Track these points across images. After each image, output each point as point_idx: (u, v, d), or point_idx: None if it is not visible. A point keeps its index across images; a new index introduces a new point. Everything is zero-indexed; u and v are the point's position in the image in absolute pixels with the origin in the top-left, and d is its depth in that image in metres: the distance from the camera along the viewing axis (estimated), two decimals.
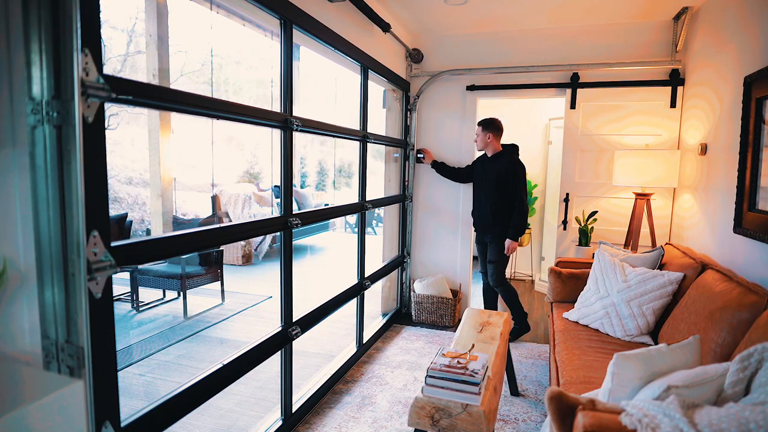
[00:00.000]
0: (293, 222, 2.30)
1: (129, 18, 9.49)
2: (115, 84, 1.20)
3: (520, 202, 3.48)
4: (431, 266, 4.36)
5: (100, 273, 1.14)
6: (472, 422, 1.66)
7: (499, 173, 3.51)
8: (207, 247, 1.76)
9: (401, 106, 4.21)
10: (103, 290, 1.17)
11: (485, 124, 3.60)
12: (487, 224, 3.62)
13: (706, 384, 1.09)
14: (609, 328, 2.50)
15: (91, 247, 1.12)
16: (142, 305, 4.57)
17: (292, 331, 2.33)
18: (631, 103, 3.65)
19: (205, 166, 10.81)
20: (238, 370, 1.94)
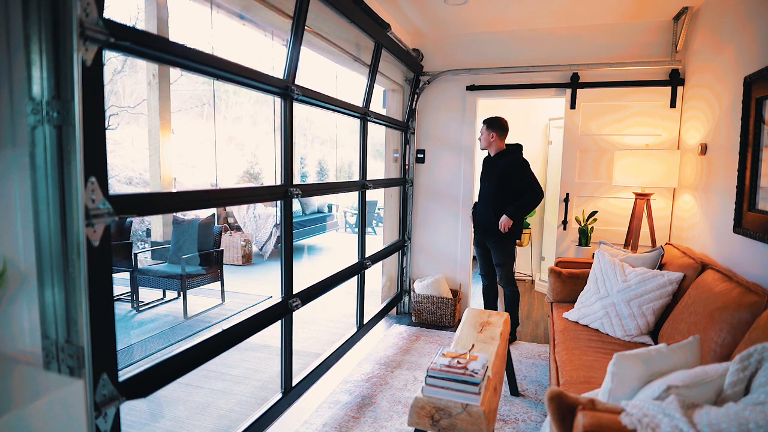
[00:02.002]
0: (293, 192, 2.28)
1: (129, 18, 9.49)
2: (114, 29, 1.18)
3: (531, 190, 3.38)
4: (431, 264, 4.36)
5: (98, 219, 1.13)
6: (472, 422, 1.66)
7: (502, 173, 3.45)
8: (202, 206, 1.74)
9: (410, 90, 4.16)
10: (101, 239, 1.15)
11: (489, 122, 3.54)
12: (489, 225, 3.53)
13: (706, 384, 1.09)
14: (609, 328, 2.50)
15: (89, 193, 1.11)
16: (142, 305, 4.58)
17: (292, 303, 2.32)
18: (631, 103, 3.65)
19: (206, 166, 10.82)
20: (239, 335, 1.95)
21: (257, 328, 2.08)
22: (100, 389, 1.17)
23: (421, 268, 4.40)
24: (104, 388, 1.19)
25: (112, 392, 1.22)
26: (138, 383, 1.38)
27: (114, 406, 1.22)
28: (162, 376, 1.51)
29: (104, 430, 1.19)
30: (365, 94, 3.29)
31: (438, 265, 4.32)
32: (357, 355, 3.39)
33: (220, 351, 1.83)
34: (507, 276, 3.57)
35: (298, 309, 2.35)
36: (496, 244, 3.54)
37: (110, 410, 1.21)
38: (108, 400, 1.20)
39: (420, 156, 4.29)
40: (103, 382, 1.19)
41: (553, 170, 5.30)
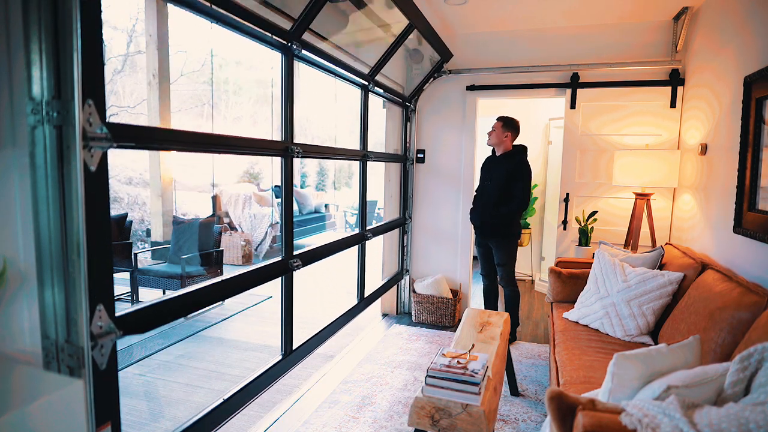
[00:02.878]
0: (294, 150, 2.27)
1: (129, 18, 9.49)
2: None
3: (519, 199, 3.40)
4: (431, 264, 4.36)
5: (95, 143, 1.13)
6: (472, 422, 1.66)
7: (509, 175, 3.41)
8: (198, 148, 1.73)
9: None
10: (98, 166, 1.15)
11: (507, 121, 3.47)
12: (491, 225, 3.49)
13: (706, 384, 1.09)
14: (609, 328, 2.50)
15: (86, 116, 1.10)
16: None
17: (293, 263, 2.32)
18: (631, 103, 3.65)
19: (206, 166, 10.81)
20: (236, 286, 1.98)
21: (255, 282, 2.11)
22: (96, 320, 1.15)
23: (421, 268, 4.40)
24: (100, 319, 1.17)
25: (109, 325, 1.20)
26: (135, 320, 1.37)
27: (110, 340, 1.21)
28: (158, 316, 1.52)
29: (100, 363, 1.17)
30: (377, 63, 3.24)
31: (438, 265, 4.32)
32: (357, 355, 3.39)
33: (216, 299, 1.86)
34: (508, 276, 3.56)
35: (298, 269, 2.35)
36: (498, 244, 3.52)
37: (106, 343, 1.19)
38: (104, 332, 1.18)
39: (420, 156, 4.29)
40: (99, 313, 1.17)
41: (553, 170, 5.30)
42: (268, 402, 2.79)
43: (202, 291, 1.77)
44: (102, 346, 1.18)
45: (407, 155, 4.22)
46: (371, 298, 3.60)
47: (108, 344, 1.21)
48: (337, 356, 3.44)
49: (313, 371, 3.21)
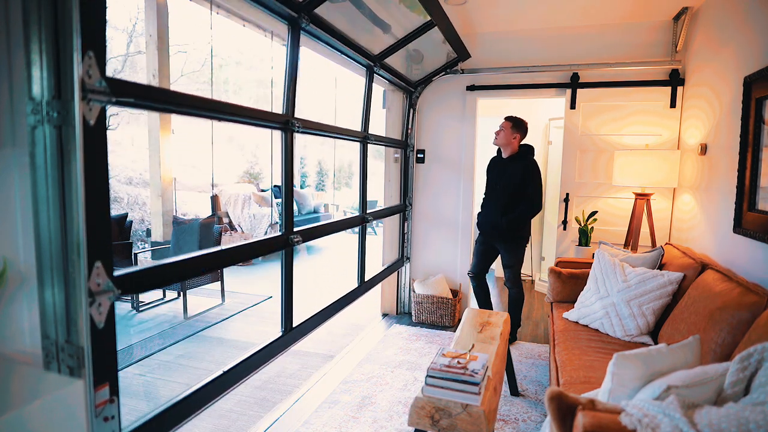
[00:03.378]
0: (294, 124, 2.27)
1: (129, 18, 9.49)
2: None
3: (534, 203, 3.34)
4: (431, 264, 4.36)
5: (94, 96, 1.13)
6: (472, 422, 1.66)
7: (519, 177, 3.35)
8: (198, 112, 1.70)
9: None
10: (96, 119, 1.14)
11: (516, 122, 3.40)
12: (498, 229, 3.41)
13: (706, 384, 1.09)
14: (609, 328, 2.50)
15: (86, 68, 1.10)
16: (142, 305, 4.58)
17: (293, 238, 2.32)
18: (631, 103, 3.65)
19: (205, 166, 10.81)
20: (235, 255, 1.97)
21: (255, 253, 2.10)
22: (93, 277, 1.15)
23: (421, 267, 4.40)
24: (98, 276, 1.17)
25: (107, 283, 1.20)
26: (133, 280, 1.37)
27: (108, 298, 1.20)
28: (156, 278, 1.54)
29: (98, 322, 1.17)
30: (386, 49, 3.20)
31: (438, 265, 4.33)
32: (357, 355, 3.40)
33: (213, 267, 1.87)
34: (515, 277, 3.53)
35: (298, 245, 2.34)
36: (508, 247, 3.47)
37: (104, 301, 1.19)
38: (102, 290, 1.18)
39: (420, 156, 4.29)
40: (97, 270, 1.16)
41: (553, 170, 5.30)
42: (268, 402, 2.79)
43: (200, 258, 1.76)
44: (100, 304, 1.17)
45: (408, 141, 4.19)
46: (371, 283, 3.57)
47: (106, 303, 1.20)
48: (337, 356, 3.44)
49: (313, 371, 3.21)
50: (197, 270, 1.78)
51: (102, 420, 1.19)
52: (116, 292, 1.23)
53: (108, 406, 1.21)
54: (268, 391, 2.94)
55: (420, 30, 3.15)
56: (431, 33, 3.19)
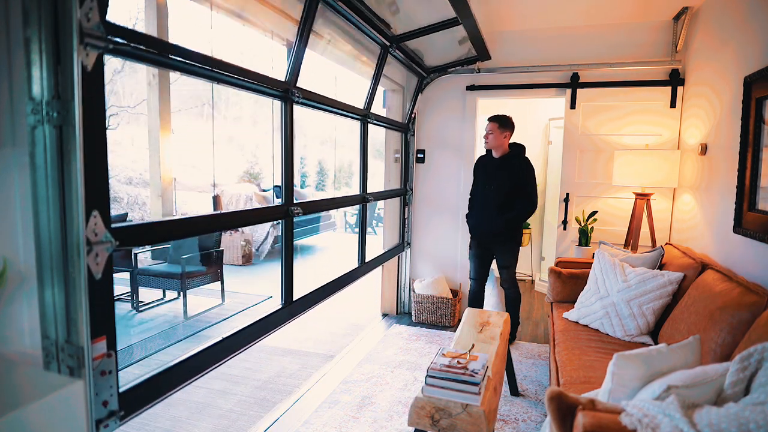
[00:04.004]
0: (295, 94, 2.26)
1: (129, 18, 9.49)
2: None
3: (530, 202, 3.30)
4: (431, 264, 4.36)
5: (92, 40, 1.13)
6: (472, 422, 1.66)
7: (515, 178, 3.29)
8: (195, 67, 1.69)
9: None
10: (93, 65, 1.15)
11: (502, 121, 3.30)
12: (495, 231, 3.35)
13: (706, 384, 1.09)
14: (609, 328, 2.50)
15: (86, 11, 1.10)
16: (142, 305, 4.57)
17: (293, 210, 2.32)
18: (631, 103, 3.65)
19: (205, 166, 10.82)
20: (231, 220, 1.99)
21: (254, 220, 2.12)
22: (91, 226, 1.14)
23: (421, 268, 4.40)
24: (96, 226, 1.16)
25: (105, 234, 1.19)
26: (131, 233, 1.37)
27: (106, 249, 1.19)
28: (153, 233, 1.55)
29: (95, 272, 1.16)
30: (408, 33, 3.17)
31: (438, 266, 4.33)
32: (357, 355, 3.39)
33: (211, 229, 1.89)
34: (511, 278, 3.50)
35: (298, 216, 2.35)
36: (504, 248, 3.43)
37: (102, 251, 1.18)
38: (100, 241, 1.18)
39: (420, 156, 4.29)
40: (94, 220, 1.16)
41: (553, 170, 5.30)
42: (268, 402, 2.79)
43: (199, 219, 1.77)
44: (97, 255, 1.17)
45: (409, 126, 4.17)
46: (372, 264, 3.56)
47: (104, 254, 1.19)
48: (337, 356, 3.44)
49: (313, 371, 3.21)
50: (193, 230, 1.77)
51: (99, 374, 1.19)
52: (114, 243, 1.22)
53: (105, 360, 1.21)
54: (268, 391, 2.94)
55: (445, 24, 3.08)
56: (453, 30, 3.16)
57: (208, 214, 1.88)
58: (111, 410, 1.26)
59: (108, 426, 1.24)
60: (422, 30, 3.15)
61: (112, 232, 1.22)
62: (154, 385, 1.51)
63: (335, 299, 5.02)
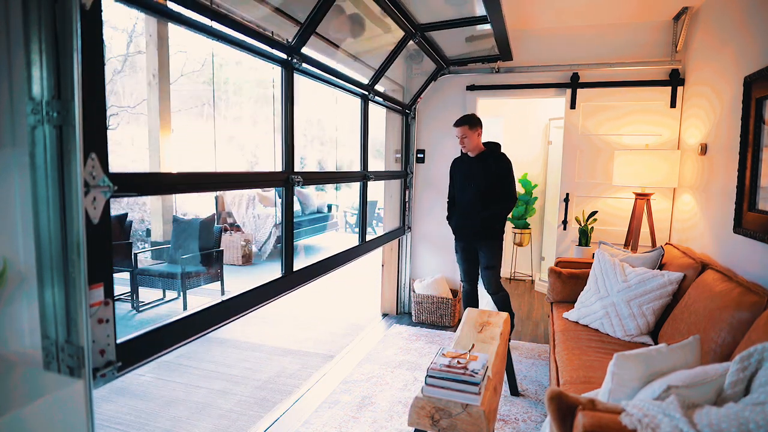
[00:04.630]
0: (296, 62, 2.27)
1: (129, 18, 9.49)
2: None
3: (510, 198, 3.28)
4: (431, 264, 4.36)
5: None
6: (472, 422, 1.66)
7: (494, 175, 3.26)
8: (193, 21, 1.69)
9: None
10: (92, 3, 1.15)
11: (470, 121, 3.24)
12: (478, 229, 3.32)
13: (706, 384, 1.09)
14: (609, 328, 2.50)
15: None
16: (142, 305, 4.57)
17: (294, 178, 2.32)
18: (631, 103, 3.65)
19: (205, 166, 10.81)
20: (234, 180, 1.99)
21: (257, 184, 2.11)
22: (88, 167, 1.13)
23: (421, 268, 4.40)
24: (93, 169, 1.15)
25: (103, 179, 1.18)
26: (129, 180, 1.37)
27: (104, 193, 1.19)
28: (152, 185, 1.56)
29: (93, 217, 1.15)
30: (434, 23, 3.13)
31: (438, 265, 4.33)
32: (357, 355, 3.40)
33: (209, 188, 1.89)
34: (497, 280, 3.40)
35: (298, 186, 2.34)
36: (487, 245, 3.35)
37: (99, 195, 1.17)
38: (97, 185, 1.17)
39: (420, 156, 4.29)
40: (92, 162, 1.15)
41: (553, 170, 5.30)
42: (268, 402, 2.79)
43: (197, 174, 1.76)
44: (95, 198, 1.16)
45: (411, 106, 4.14)
46: (372, 244, 3.54)
47: (101, 198, 1.18)
48: (337, 356, 3.44)
49: (313, 371, 3.21)
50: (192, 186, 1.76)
51: (96, 321, 1.18)
52: (112, 188, 1.21)
53: (102, 307, 1.20)
54: (268, 391, 2.94)
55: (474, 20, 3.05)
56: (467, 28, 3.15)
57: (208, 172, 1.85)
58: (108, 360, 1.24)
59: (105, 376, 1.24)
60: (449, 23, 3.10)
61: (110, 177, 1.21)
62: (152, 340, 1.49)
63: (335, 299, 5.03)
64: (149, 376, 3.12)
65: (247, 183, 2.00)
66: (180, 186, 1.72)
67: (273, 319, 4.34)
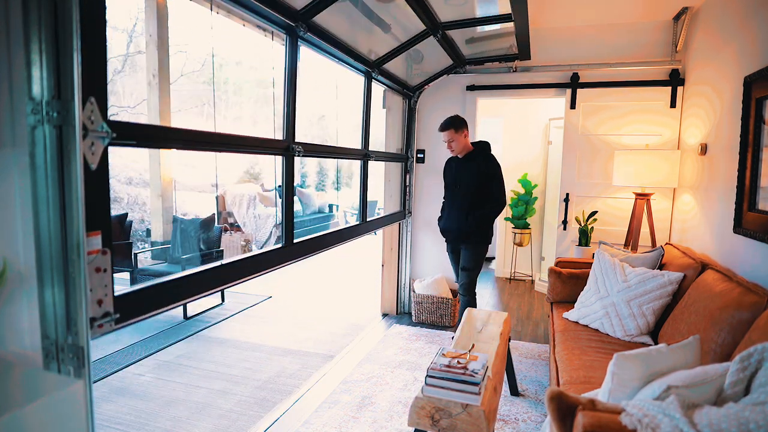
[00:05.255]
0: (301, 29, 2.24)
1: (129, 18, 9.50)
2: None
3: (498, 202, 3.20)
4: (431, 264, 4.36)
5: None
6: (472, 422, 1.66)
7: (483, 176, 3.20)
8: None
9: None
10: None
11: (454, 122, 3.19)
12: (464, 231, 3.27)
13: (706, 384, 1.09)
14: (609, 328, 2.50)
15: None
16: None
17: (294, 147, 2.31)
18: (631, 103, 3.65)
19: (205, 166, 10.82)
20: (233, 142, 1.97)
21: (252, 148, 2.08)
22: (87, 111, 1.11)
23: (421, 268, 4.40)
24: (92, 113, 1.13)
25: (102, 125, 1.16)
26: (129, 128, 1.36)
27: (101, 141, 1.17)
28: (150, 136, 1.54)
29: (90, 163, 1.14)
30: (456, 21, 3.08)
31: (438, 265, 4.32)
32: (357, 355, 3.40)
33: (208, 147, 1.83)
34: (471, 283, 3.32)
35: (299, 156, 2.33)
36: (470, 248, 3.30)
37: (96, 141, 1.15)
38: (95, 129, 1.15)
39: (420, 156, 4.29)
40: (91, 106, 1.12)
41: (553, 170, 5.30)
42: (268, 402, 2.79)
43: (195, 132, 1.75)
44: (93, 144, 1.14)
45: (416, 90, 4.12)
46: (372, 225, 3.50)
47: (99, 144, 1.16)
48: (337, 356, 3.44)
49: (313, 371, 3.21)
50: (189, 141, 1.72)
51: (94, 270, 1.17)
52: (110, 135, 1.20)
53: (100, 256, 1.19)
54: (268, 391, 2.94)
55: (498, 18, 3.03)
56: None
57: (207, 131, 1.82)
58: (106, 311, 1.23)
59: (102, 326, 1.22)
60: (474, 21, 3.06)
61: (108, 124, 1.20)
62: (149, 296, 1.48)
63: (335, 299, 5.02)
64: (149, 376, 3.12)
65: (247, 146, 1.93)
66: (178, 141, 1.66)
67: (273, 319, 4.35)
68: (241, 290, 5.31)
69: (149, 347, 3.59)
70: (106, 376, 3.11)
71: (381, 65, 3.28)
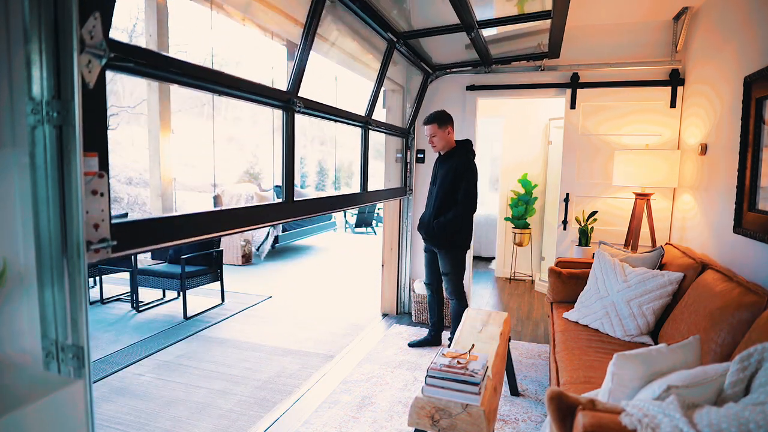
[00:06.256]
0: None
1: (129, 18, 9.50)
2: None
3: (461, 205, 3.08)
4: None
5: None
6: (472, 422, 1.66)
7: (455, 173, 3.11)
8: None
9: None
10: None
11: (439, 118, 3.10)
12: (430, 235, 3.22)
13: (706, 384, 1.09)
14: (609, 328, 2.50)
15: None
16: (142, 305, 4.57)
17: (295, 102, 2.32)
18: (631, 103, 3.65)
19: (205, 166, 10.82)
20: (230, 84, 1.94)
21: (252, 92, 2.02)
22: (88, 26, 1.07)
23: (422, 267, 4.39)
24: (93, 29, 1.10)
25: (101, 42, 1.12)
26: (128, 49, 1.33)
27: (99, 61, 1.14)
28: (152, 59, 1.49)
29: (87, 81, 1.13)
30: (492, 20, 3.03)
31: None
32: (357, 355, 3.40)
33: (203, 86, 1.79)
34: (454, 286, 3.26)
35: (299, 112, 2.34)
36: (442, 253, 3.24)
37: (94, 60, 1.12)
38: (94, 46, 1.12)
39: (420, 156, 4.29)
40: (94, 22, 1.09)
41: (553, 170, 5.30)
42: (268, 402, 2.79)
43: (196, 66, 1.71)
44: (90, 62, 1.12)
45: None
46: (374, 196, 3.48)
47: (97, 64, 1.14)
48: (337, 356, 3.44)
49: (313, 371, 3.21)
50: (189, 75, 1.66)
51: (91, 193, 1.16)
52: (108, 53, 1.17)
53: (97, 179, 1.17)
54: (268, 391, 2.94)
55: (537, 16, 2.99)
56: None
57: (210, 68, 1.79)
58: (102, 236, 1.22)
59: (99, 252, 1.20)
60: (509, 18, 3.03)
61: (109, 45, 1.17)
62: (146, 229, 1.47)
63: (335, 299, 5.02)
64: (149, 376, 3.12)
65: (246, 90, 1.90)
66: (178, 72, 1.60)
67: (273, 319, 4.35)
68: (241, 290, 5.31)
69: (149, 347, 3.59)
70: (106, 376, 3.11)
71: (408, 39, 3.18)
